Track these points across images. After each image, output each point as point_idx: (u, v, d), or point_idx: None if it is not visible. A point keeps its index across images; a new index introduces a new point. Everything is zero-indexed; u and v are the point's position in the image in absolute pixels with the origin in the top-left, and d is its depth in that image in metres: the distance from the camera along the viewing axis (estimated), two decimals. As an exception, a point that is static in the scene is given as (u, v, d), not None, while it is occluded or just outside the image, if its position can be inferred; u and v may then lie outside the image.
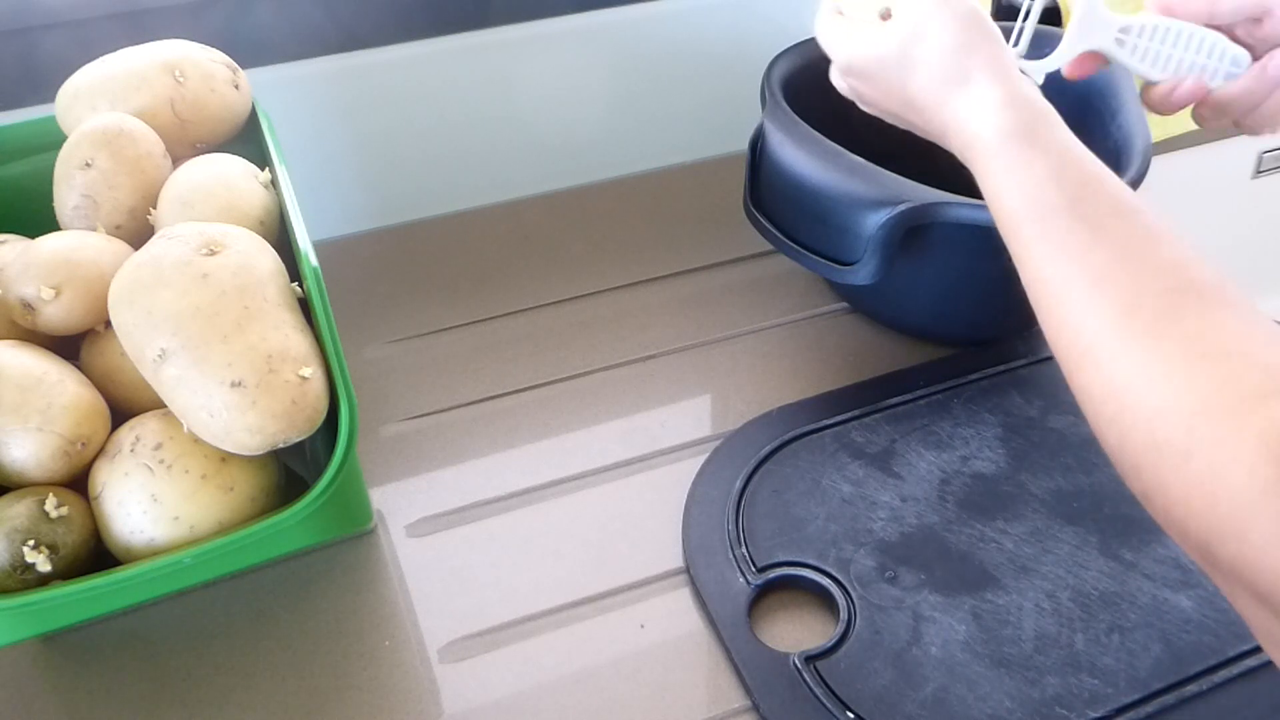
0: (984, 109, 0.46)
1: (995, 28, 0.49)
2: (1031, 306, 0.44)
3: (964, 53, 0.47)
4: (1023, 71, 0.49)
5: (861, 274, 0.64)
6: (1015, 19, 0.57)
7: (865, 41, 0.51)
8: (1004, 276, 0.68)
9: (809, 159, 0.65)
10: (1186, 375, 0.36)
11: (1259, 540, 0.32)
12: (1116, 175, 0.43)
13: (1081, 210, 0.41)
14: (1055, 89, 0.52)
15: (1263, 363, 0.35)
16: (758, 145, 0.70)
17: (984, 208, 0.60)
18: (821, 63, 0.65)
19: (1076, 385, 0.40)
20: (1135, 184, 0.62)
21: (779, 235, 0.69)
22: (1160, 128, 0.93)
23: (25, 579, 0.49)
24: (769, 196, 0.70)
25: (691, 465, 0.64)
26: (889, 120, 0.54)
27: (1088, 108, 0.69)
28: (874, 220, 0.62)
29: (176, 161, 0.62)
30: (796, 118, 0.68)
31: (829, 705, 0.50)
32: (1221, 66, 0.52)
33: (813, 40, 0.76)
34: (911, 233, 0.62)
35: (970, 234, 0.63)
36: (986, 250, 0.65)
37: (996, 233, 0.61)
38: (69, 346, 0.56)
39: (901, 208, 0.61)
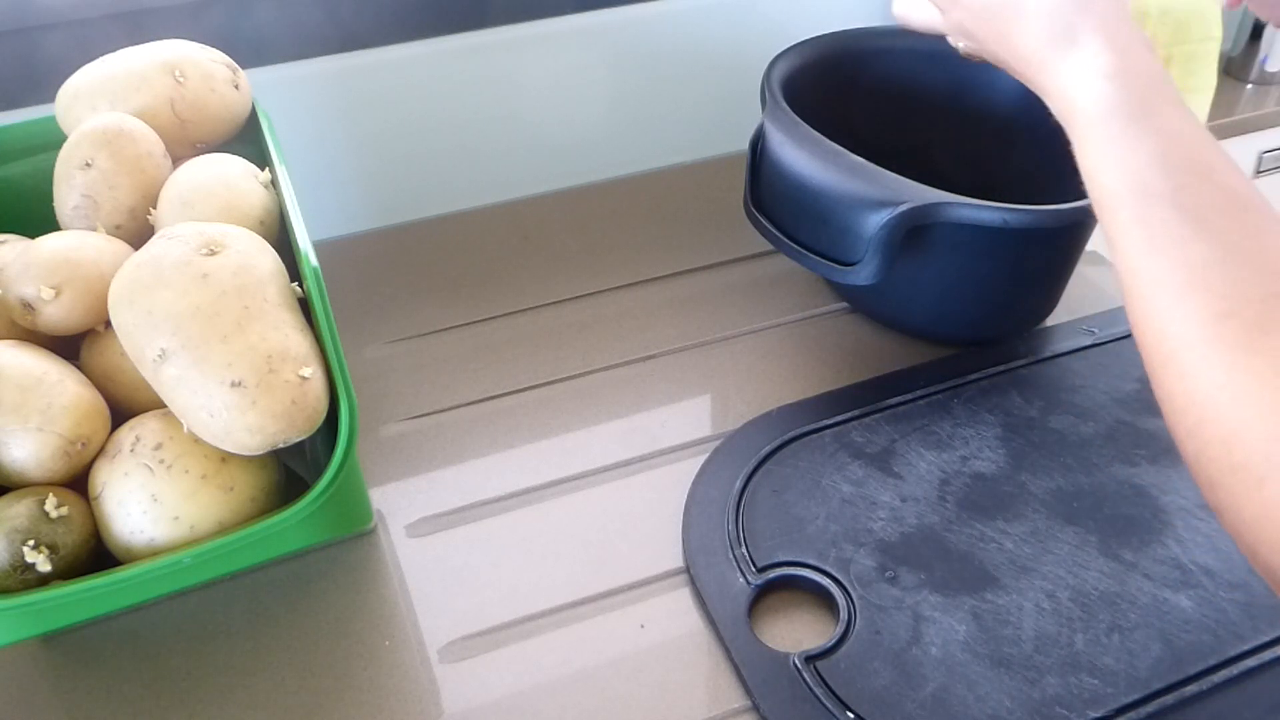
0: (1090, 77, 0.42)
1: None
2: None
3: (1078, 10, 0.43)
4: None
5: (862, 274, 0.64)
6: None
7: None
8: (1004, 276, 0.69)
9: (809, 159, 0.65)
10: (1272, 396, 0.34)
11: None
12: (1235, 164, 0.40)
13: (1184, 200, 0.38)
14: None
15: None
16: (758, 145, 0.70)
17: (985, 208, 0.61)
18: (822, 62, 0.65)
19: (1158, 387, 0.38)
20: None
21: (779, 235, 0.69)
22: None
23: (25, 579, 0.48)
24: (769, 196, 0.70)
25: (691, 465, 0.64)
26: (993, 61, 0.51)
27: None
28: (875, 220, 0.62)
29: (176, 161, 0.62)
30: (796, 118, 0.68)
31: (829, 705, 0.50)
32: None
33: (813, 40, 0.77)
34: (912, 233, 0.62)
35: (971, 234, 0.63)
36: (987, 250, 0.66)
37: (997, 233, 0.61)
38: (69, 346, 0.56)
39: (903, 208, 0.61)
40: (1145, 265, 0.38)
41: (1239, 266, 0.36)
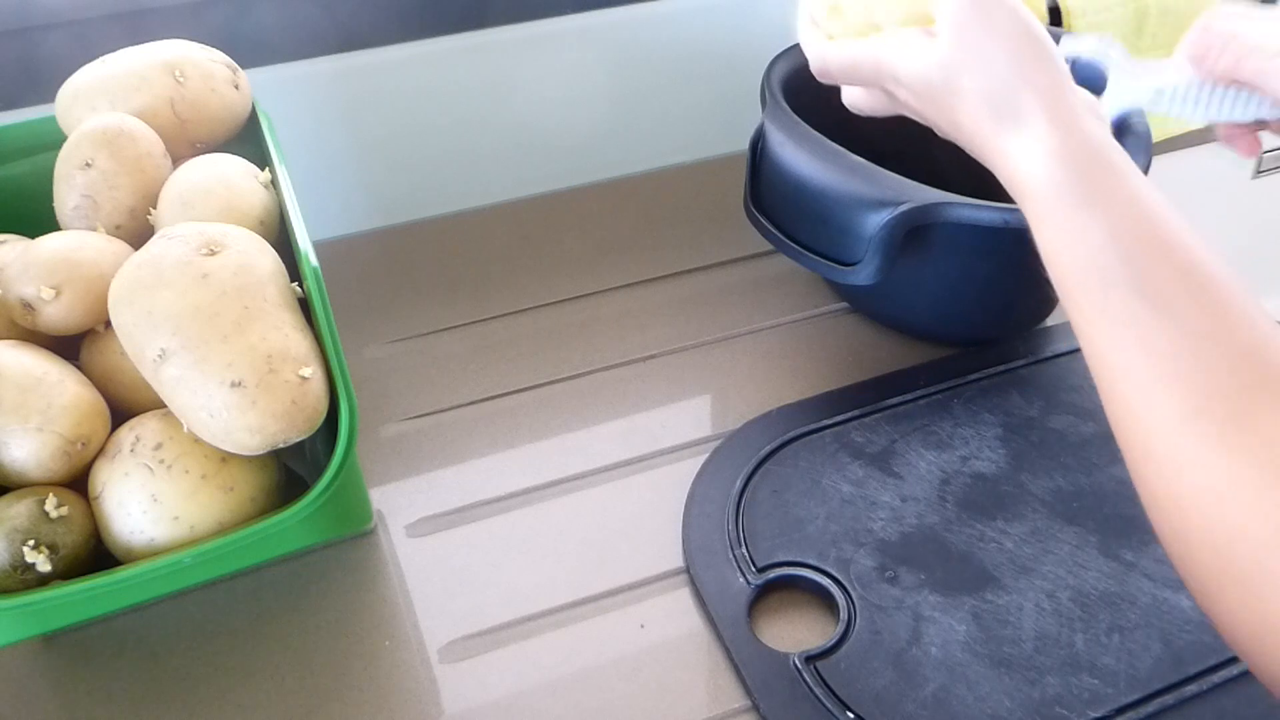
0: (1036, 156, 0.40)
1: (1052, 45, 0.43)
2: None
3: (1016, 86, 0.41)
4: None
5: (863, 274, 0.64)
6: None
7: (910, 57, 0.45)
8: (1004, 276, 0.69)
9: (809, 159, 0.65)
10: (1259, 497, 0.32)
11: None
12: (1194, 234, 0.38)
13: (1145, 284, 0.36)
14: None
15: None
16: (758, 145, 0.70)
17: (985, 208, 0.61)
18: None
19: (1138, 482, 0.36)
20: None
21: (779, 235, 0.69)
22: (1160, 128, 0.93)
23: (25, 579, 0.48)
24: (769, 196, 0.70)
25: (691, 465, 0.64)
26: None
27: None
28: (875, 220, 0.62)
29: (176, 161, 0.62)
30: (796, 118, 0.68)
31: (829, 705, 0.50)
32: (1265, 104, 0.50)
33: (813, 40, 0.77)
34: (912, 233, 0.62)
35: (971, 234, 0.63)
36: (987, 250, 0.66)
37: (997, 233, 0.61)
38: (69, 346, 0.56)
39: (903, 208, 0.61)
40: (1112, 357, 0.37)
41: (1208, 355, 0.35)
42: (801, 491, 0.61)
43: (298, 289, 0.54)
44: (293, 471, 0.58)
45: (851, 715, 0.50)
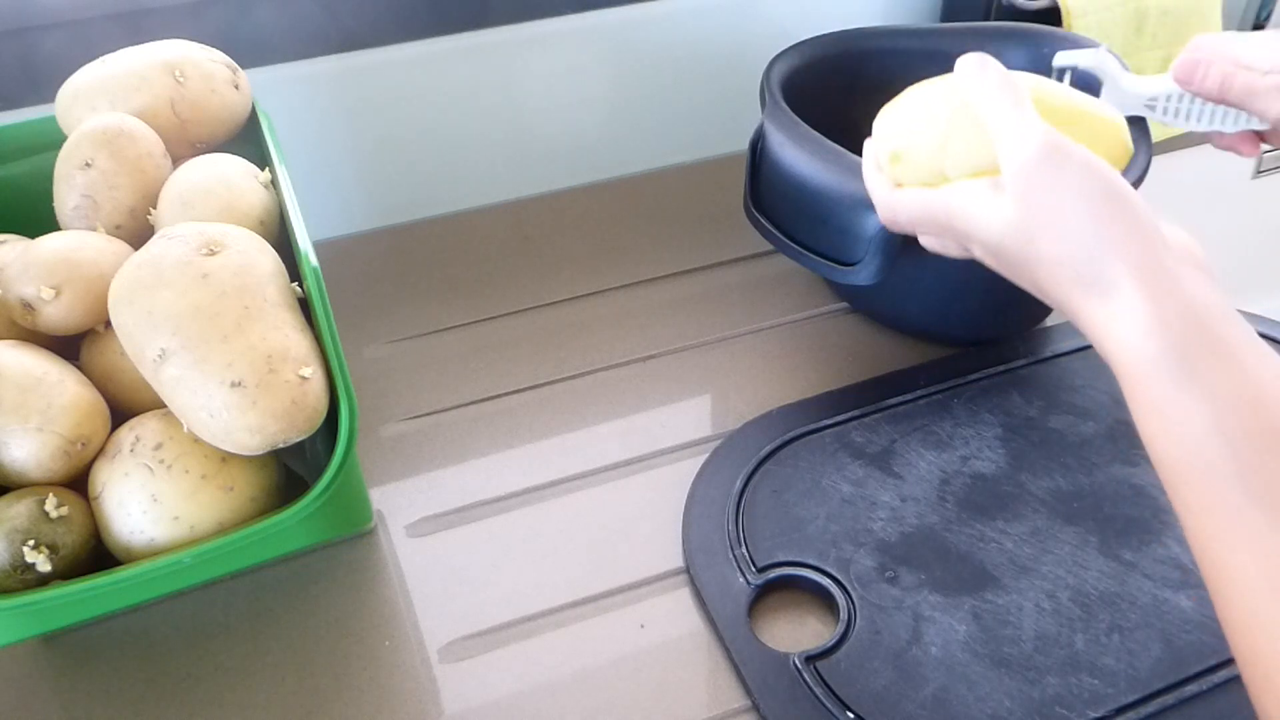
0: (1129, 328, 0.36)
1: (1135, 198, 0.39)
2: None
3: (1099, 251, 0.37)
4: None
5: (863, 274, 0.64)
6: (1015, 20, 0.57)
7: (981, 217, 0.42)
8: (1004, 276, 0.69)
9: (809, 159, 0.65)
10: None
11: None
12: None
13: (1254, 480, 0.33)
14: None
15: None
16: (758, 145, 0.70)
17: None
18: (822, 62, 0.65)
19: (1258, 704, 0.32)
20: (1135, 185, 0.62)
21: (779, 235, 0.69)
22: (1160, 128, 0.93)
23: (25, 579, 0.49)
24: (769, 197, 0.70)
25: (691, 465, 0.64)
26: None
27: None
28: (875, 220, 0.62)
29: (176, 161, 0.62)
30: (796, 118, 0.68)
31: (829, 705, 0.50)
32: (1253, 116, 0.52)
33: (813, 40, 0.77)
34: (912, 233, 0.62)
35: (970, 234, 0.63)
36: (986, 250, 0.66)
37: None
38: (69, 346, 0.56)
39: (902, 208, 0.61)
40: (1221, 558, 0.33)
41: None
42: (801, 491, 0.61)
43: (298, 289, 0.54)
44: (293, 471, 0.58)
45: (851, 715, 0.50)
